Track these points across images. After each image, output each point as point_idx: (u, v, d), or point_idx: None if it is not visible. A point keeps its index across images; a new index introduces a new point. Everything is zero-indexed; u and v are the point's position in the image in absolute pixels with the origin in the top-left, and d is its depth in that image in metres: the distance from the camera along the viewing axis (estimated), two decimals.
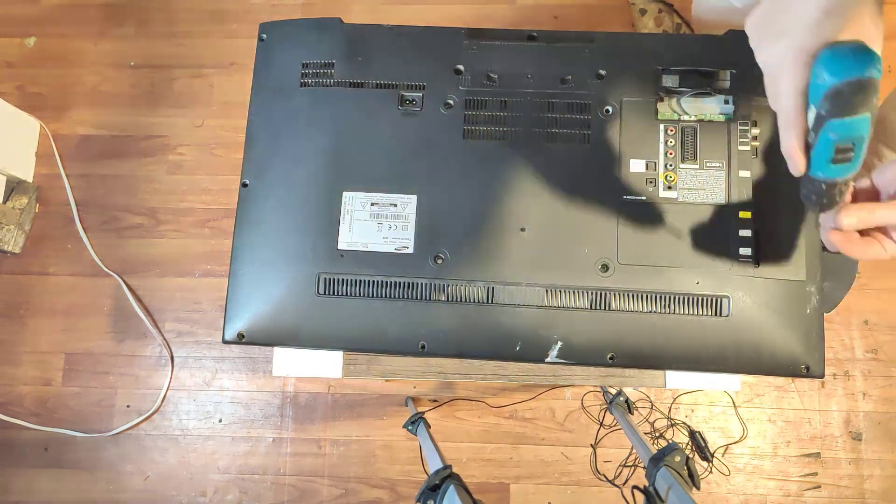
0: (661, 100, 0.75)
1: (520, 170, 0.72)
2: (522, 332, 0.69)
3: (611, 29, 1.44)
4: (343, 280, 0.70)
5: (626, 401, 1.10)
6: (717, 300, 0.68)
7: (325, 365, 0.88)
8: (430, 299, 0.70)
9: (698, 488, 0.69)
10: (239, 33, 1.54)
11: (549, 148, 0.73)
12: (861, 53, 0.39)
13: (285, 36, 0.78)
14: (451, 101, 0.74)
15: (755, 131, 0.72)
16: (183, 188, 1.45)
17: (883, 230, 0.48)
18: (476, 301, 0.70)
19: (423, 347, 0.69)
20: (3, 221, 1.38)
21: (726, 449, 1.28)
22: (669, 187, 0.71)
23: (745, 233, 0.69)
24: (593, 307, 0.69)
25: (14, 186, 1.42)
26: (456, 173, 0.72)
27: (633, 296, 0.69)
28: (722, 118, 0.74)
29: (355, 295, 0.70)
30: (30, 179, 1.47)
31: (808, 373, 0.67)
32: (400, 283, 0.70)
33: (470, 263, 0.70)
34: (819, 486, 1.26)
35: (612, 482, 1.25)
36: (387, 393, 1.33)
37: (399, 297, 0.70)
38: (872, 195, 0.48)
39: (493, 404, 1.31)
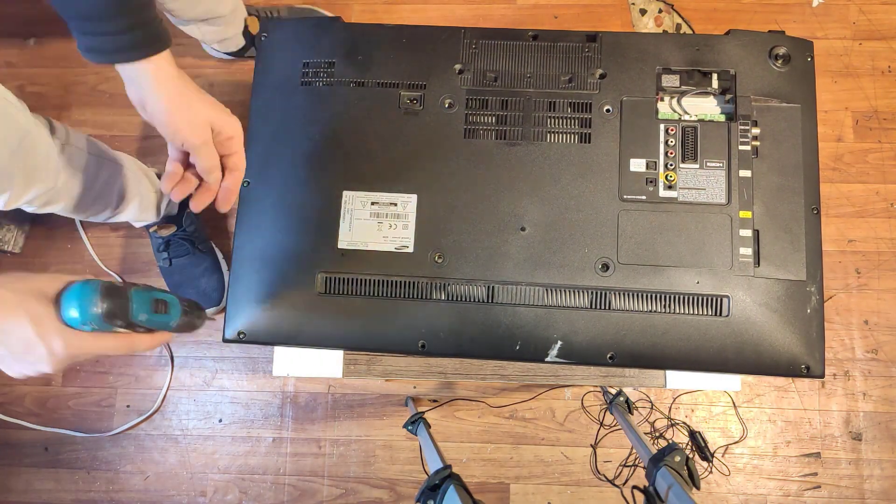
0: (662, 99, 0.75)
1: (520, 169, 0.72)
2: (522, 332, 0.69)
3: (611, 29, 1.44)
4: (343, 279, 0.70)
5: (626, 401, 1.10)
6: (717, 300, 0.68)
7: (326, 365, 0.88)
8: (429, 298, 0.70)
9: (698, 488, 0.69)
10: None
11: (549, 147, 0.73)
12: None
13: (286, 35, 0.78)
14: (451, 101, 0.74)
15: (755, 131, 0.72)
16: None
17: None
18: (476, 300, 0.70)
19: (422, 346, 0.69)
20: (3, 221, 1.38)
21: (726, 449, 1.28)
22: (670, 187, 0.71)
23: (746, 233, 0.70)
24: (593, 307, 0.69)
25: None
26: (456, 172, 0.72)
27: (633, 295, 0.69)
28: (722, 118, 0.74)
29: (355, 294, 0.70)
30: None
31: (808, 373, 0.68)
32: (400, 282, 0.70)
33: (470, 263, 0.70)
34: (819, 486, 1.25)
35: (612, 482, 1.25)
36: (387, 393, 1.33)
37: (399, 296, 0.70)
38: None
39: (493, 404, 1.31)
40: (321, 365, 0.88)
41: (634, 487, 0.74)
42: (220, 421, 1.34)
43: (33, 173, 0.79)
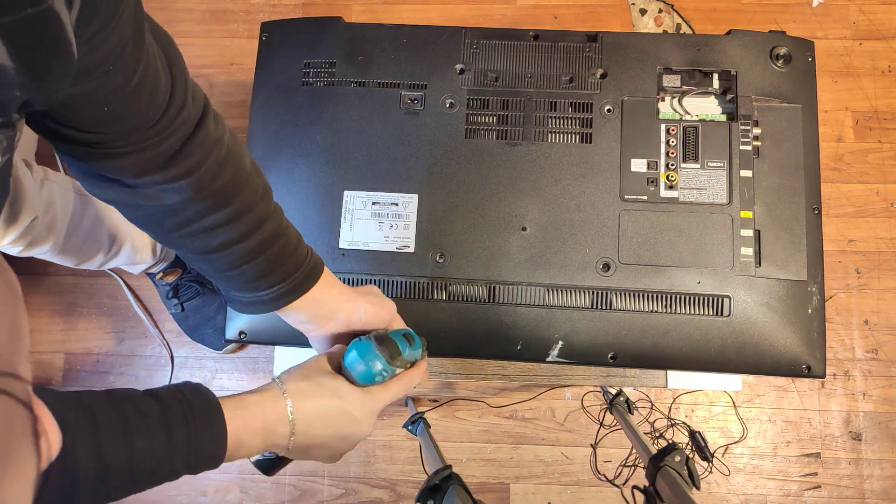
0: (663, 99, 0.75)
1: (521, 169, 0.72)
2: (523, 332, 0.69)
3: (611, 29, 1.44)
4: (344, 279, 0.70)
5: (627, 401, 1.10)
6: (718, 300, 0.68)
7: None
8: (430, 298, 0.70)
9: (698, 488, 0.69)
10: (239, 33, 1.54)
11: (550, 147, 0.73)
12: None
13: (286, 35, 0.78)
14: (452, 101, 0.74)
15: (756, 131, 0.72)
16: None
17: None
18: (477, 300, 0.70)
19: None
20: None
21: (726, 449, 1.28)
22: (671, 187, 0.71)
23: (747, 233, 0.70)
24: (594, 306, 0.69)
25: None
26: (457, 172, 0.72)
27: (634, 295, 0.69)
28: (723, 118, 0.74)
29: None
30: None
31: (809, 373, 0.68)
32: (401, 282, 0.70)
33: (471, 262, 0.70)
34: (819, 486, 1.25)
35: (612, 482, 1.25)
36: None
37: (400, 296, 0.70)
38: None
39: (493, 404, 1.31)
40: None
41: (634, 487, 0.74)
42: None
43: (16, 202, 0.78)
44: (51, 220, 0.87)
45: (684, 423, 1.27)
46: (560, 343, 0.68)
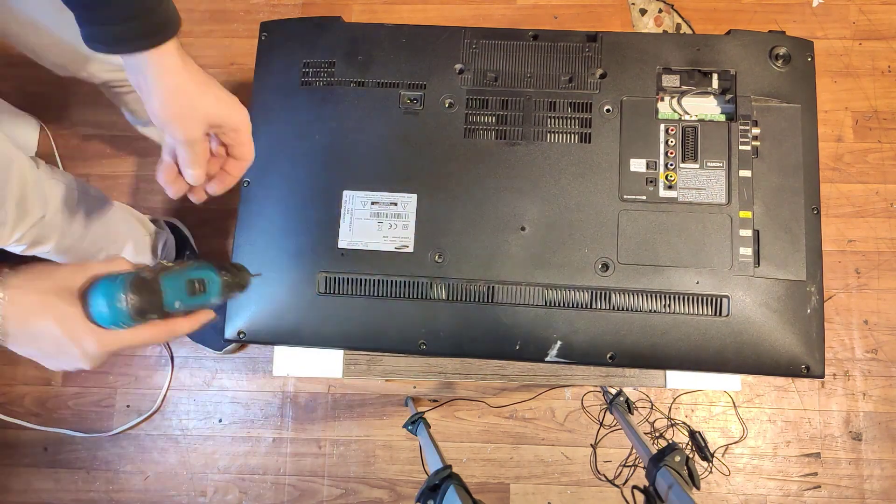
0: (662, 99, 0.75)
1: (520, 169, 0.72)
2: (522, 331, 0.69)
3: (611, 29, 1.44)
4: (343, 279, 0.70)
5: (626, 401, 1.10)
6: (717, 300, 0.68)
7: (326, 365, 0.88)
8: (429, 298, 0.70)
9: (698, 488, 0.69)
10: (239, 33, 1.54)
11: (549, 147, 0.73)
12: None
13: (286, 35, 0.78)
14: (452, 101, 0.74)
15: (755, 131, 0.72)
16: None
17: None
18: (476, 300, 0.70)
19: (423, 346, 0.69)
20: None
21: (726, 449, 1.28)
22: (670, 187, 0.71)
23: (746, 233, 0.70)
24: (593, 306, 0.69)
25: None
26: (456, 172, 0.72)
27: (633, 295, 0.69)
28: (722, 118, 0.74)
29: (355, 294, 0.70)
30: None
31: (809, 373, 0.68)
32: (400, 281, 0.70)
33: (470, 262, 0.70)
34: (819, 486, 1.25)
35: (612, 482, 1.25)
36: (387, 393, 1.33)
37: (399, 295, 0.70)
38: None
39: (493, 404, 1.31)
40: (321, 365, 0.88)
41: (634, 487, 0.74)
42: (220, 421, 1.34)
43: (24, 202, 0.78)
44: (55, 218, 0.87)
45: (684, 423, 1.27)
46: (559, 343, 0.68)
